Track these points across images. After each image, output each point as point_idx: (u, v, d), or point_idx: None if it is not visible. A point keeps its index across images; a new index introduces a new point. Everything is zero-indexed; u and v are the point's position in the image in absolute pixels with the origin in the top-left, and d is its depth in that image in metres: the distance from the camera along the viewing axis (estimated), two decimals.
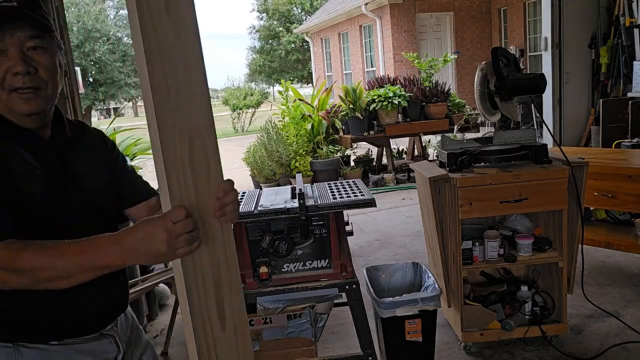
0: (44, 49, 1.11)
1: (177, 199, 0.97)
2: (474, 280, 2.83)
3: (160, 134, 0.94)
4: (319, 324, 2.23)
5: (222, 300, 1.05)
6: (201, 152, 1.01)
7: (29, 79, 1.09)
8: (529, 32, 11.49)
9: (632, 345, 2.59)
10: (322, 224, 2.07)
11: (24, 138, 1.14)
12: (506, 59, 2.59)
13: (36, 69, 1.10)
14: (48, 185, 1.13)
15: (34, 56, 1.10)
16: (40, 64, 1.11)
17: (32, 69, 1.09)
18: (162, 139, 0.94)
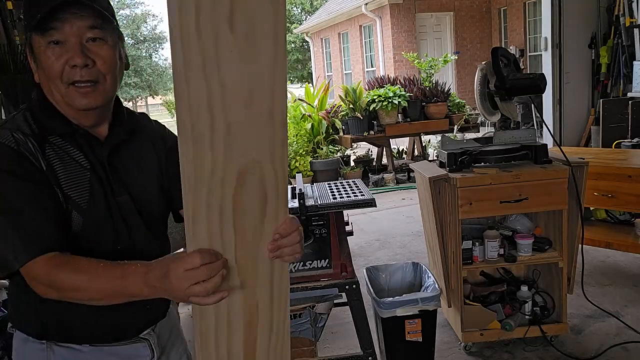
0: (104, 40, 1.05)
1: (201, 243, 0.89)
2: (474, 280, 2.83)
3: (187, 176, 0.83)
4: (319, 324, 2.23)
5: (255, 344, 0.99)
6: (256, 191, 0.89)
7: (87, 72, 1.04)
8: (529, 32, 11.49)
9: (632, 345, 2.59)
10: (322, 224, 2.07)
11: (78, 136, 1.09)
12: (506, 59, 2.59)
13: (94, 62, 1.04)
14: (96, 190, 1.08)
15: (93, 48, 1.04)
16: (99, 56, 1.05)
17: (90, 61, 1.04)
18: (190, 180, 0.83)
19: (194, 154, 0.83)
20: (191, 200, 0.86)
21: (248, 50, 0.82)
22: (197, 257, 0.88)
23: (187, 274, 0.88)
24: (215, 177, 0.86)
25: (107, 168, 1.11)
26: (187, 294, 0.89)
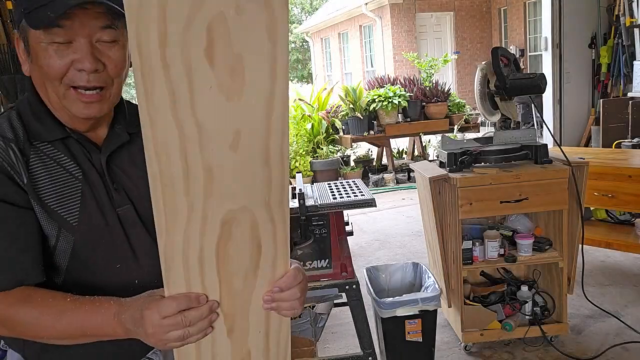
0: (117, 41, 0.93)
1: (177, 289, 0.80)
2: (474, 280, 2.83)
3: (158, 222, 0.74)
4: (319, 324, 2.23)
5: None
6: (244, 239, 0.80)
7: (95, 77, 0.91)
8: (529, 32, 11.49)
9: (632, 346, 2.59)
10: (322, 224, 2.07)
11: (70, 141, 0.97)
12: (506, 59, 2.58)
13: (104, 65, 0.93)
14: (89, 203, 0.95)
15: (104, 49, 0.92)
16: (111, 59, 0.93)
17: (100, 65, 0.92)
18: (160, 226, 0.74)
19: (163, 201, 0.72)
20: (163, 248, 0.76)
21: (232, 86, 0.71)
22: (172, 303, 0.79)
23: (163, 321, 0.79)
24: (192, 226, 0.76)
25: (105, 177, 0.98)
26: (163, 341, 0.81)
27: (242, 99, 0.72)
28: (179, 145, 0.71)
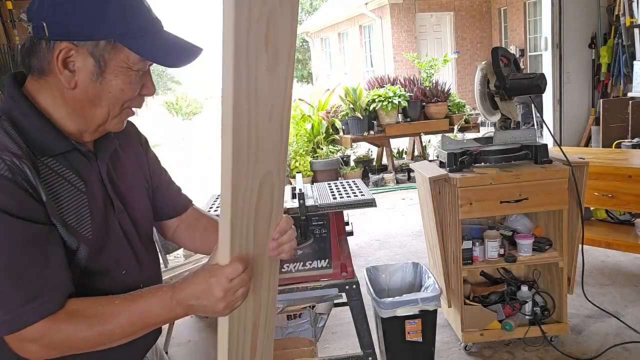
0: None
1: (236, 251, 0.87)
2: (474, 280, 2.83)
3: (233, 190, 0.82)
4: (318, 324, 2.23)
5: (256, 342, 1.01)
6: (268, 198, 0.91)
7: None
8: (529, 32, 11.49)
9: (632, 346, 2.59)
10: (322, 224, 2.07)
11: (71, 154, 0.94)
12: (506, 59, 2.58)
13: None
14: (96, 214, 0.95)
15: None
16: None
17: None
18: (234, 194, 0.83)
19: (233, 171, 0.81)
20: (229, 216, 0.83)
21: (273, 67, 0.82)
22: (239, 265, 0.85)
23: (232, 283, 0.85)
24: (247, 192, 0.86)
25: (106, 184, 0.99)
26: (232, 304, 0.86)
27: (276, 76, 0.84)
28: (247, 121, 0.80)
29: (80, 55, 0.89)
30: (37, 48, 0.90)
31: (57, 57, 0.88)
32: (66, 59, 0.89)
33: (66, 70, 0.89)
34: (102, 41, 0.89)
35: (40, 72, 0.91)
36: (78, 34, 0.88)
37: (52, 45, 0.88)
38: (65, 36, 0.88)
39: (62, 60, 0.88)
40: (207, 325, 3.11)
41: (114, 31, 0.89)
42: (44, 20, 0.87)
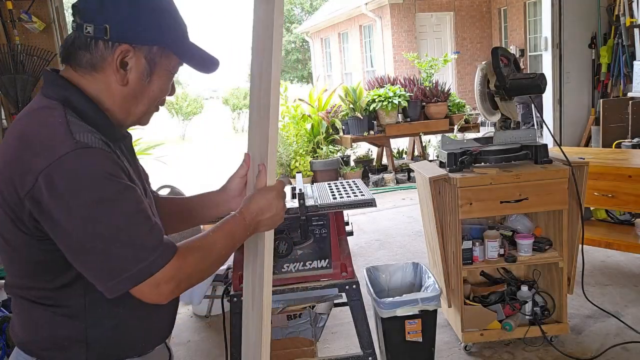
0: None
1: (274, 177, 1.16)
2: (474, 280, 2.83)
3: (271, 140, 1.10)
4: (319, 324, 2.23)
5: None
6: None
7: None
8: (529, 32, 11.49)
9: (632, 346, 2.59)
10: (322, 224, 2.07)
11: (119, 140, 1.08)
12: (506, 59, 2.58)
13: None
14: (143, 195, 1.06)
15: None
16: None
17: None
18: (272, 143, 1.11)
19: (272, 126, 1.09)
20: (271, 167, 1.13)
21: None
22: (282, 181, 1.14)
23: (283, 194, 1.13)
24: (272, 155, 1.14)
25: (132, 168, 1.10)
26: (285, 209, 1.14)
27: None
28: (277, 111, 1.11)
29: (135, 57, 1.02)
30: (92, 46, 1.00)
31: (117, 57, 1.00)
32: (123, 59, 1.01)
33: (121, 69, 1.01)
34: (155, 46, 1.03)
35: (92, 67, 1.02)
36: (137, 38, 1.01)
37: (111, 45, 1.00)
38: (125, 39, 1.00)
39: (120, 60, 1.01)
40: (207, 325, 3.11)
41: (165, 39, 1.04)
42: (107, 23, 0.98)
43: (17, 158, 0.93)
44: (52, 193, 0.89)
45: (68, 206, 0.89)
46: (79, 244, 0.91)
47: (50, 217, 0.90)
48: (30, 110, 1.00)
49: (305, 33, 18.10)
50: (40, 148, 0.91)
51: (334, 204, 2.05)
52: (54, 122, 0.95)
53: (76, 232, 0.90)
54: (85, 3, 1.01)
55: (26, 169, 0.91)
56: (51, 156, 0.89)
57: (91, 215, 0.90)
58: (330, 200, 2.08)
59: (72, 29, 1.03)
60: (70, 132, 0.93)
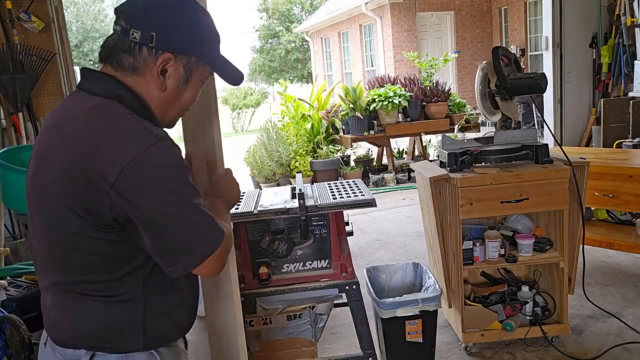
0: None
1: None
2: (474, 280, 2.82)
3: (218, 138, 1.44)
4: (319, 325, 2.22)
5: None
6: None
7: None
8: (530, 32, 11.48)
9: (633, 346, 2.58)
10: (322, 224, 2.06)
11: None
12: (507, 59, 2.58)
13: None
14: None
15: None
16: None
17: None
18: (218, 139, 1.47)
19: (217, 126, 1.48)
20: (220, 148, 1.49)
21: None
22: (228, 168, 1.42)
23: (234, 177, 1.40)
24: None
25: None
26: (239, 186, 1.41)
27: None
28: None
29: (175, 65, 1.10)
30: (137, 50, 1.07)
31: (159, 64, 1.08)
32: (164, 66, 1.08)
33: (161, 75, 1.09)
34: (193, 57, 1.11)
35: (133, 70, 1.08)
36: (179, 48, 1.09)
37: (155, 53, 1.07)
38: (168, 48, 1.07)
39: (162, 67, 1.08)
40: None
41: (203, 51, 1.12)
42: (153, 31, 1.05)
43: (89, 155, 0.98)
44: (142, 181, 0.98)
45: (159, 192, 0.99)
46: (166, 225, 1.01)
47: (139, 204, 0.99)
48: (85, 110, 1.04)
49: (305, 32, 18.08)
50: (121, 142, 0.98)
51: (334, 204, 2.05)
52: (124, 117, 1.03)
53: (166, 215, 1.00)
54: (133, 9, 1.07)
55: (108, 162, 0.97)
56: (137, 148, 0.98)
57: (179, 198, 1.01)
58: (330, 200, 2.08)
59: (115, 31, 1.08)
60: (145, 126, 1.02)
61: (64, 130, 1.03)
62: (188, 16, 1.10)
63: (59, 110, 1.10)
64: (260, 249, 2.07)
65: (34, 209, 1.09)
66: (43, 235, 1.08)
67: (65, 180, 1.00)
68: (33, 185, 1.08)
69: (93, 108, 1.04)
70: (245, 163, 7.06)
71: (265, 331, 2.17)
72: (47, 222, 1.05)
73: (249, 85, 21.01)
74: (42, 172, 1.05)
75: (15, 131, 3.99)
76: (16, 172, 2.63)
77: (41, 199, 1.05)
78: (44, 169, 1.04)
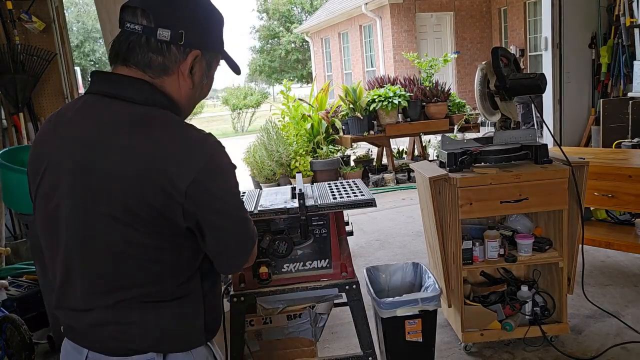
0: None
1: None
2: (474, 280, 2.82)
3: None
4: (319, 324, 2.22)
5: None
6: None
7: None
8: (530, 32, 11.49)
9: (632, 346, 2.59)
10: (322, 224, 2.07)
11: None
12: (506, 59, 2.58)
13: None
14: None
15: None
16: None
17: None
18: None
19: None
20: None
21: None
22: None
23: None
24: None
25: None
26: None
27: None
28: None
29: (200, 61, 1.11)
30: (165, 50, 1.05)
31: (190, 62, 1.08)
32: (194, 63, 1.09)
33: (189, 72, 1.09)
34: (213, 52, 1.14)
35: (163, 70, 1.06)
36: (206, 45, 1.10)
37: (183, 50, 1.06)
38: (198, 45, 1.08)
39: (192, 65, 1.08)
40: None
41: (220, 46, 1.15)
42: (183, 29, 1.04)
43: (158, 168, 0.97)
44: (212, 187, 1.02)
45: (225, 196, 1.05)
46: (231, 226, 1.09)
47: (211, 209, 1.03)
48: (136, 121, 1.01)
49: (305, 33, 18.09)
50: (187, 152, 0.99)
51: (334, 204, 2.05)
52: (180, 125, 1.04)
53: (231, 217, 1.08)
54: (156, 6, 1.03)
55: (179, 173, 0.98)
56: (203, 156, 1.00)
57: (237, 199, 1.10)
58: (330, 200, 2.08)
59: (135, 31, 1.03)
60: (200, 131, 1.05)
61: (120, 142, 0.99)
62: (207, 10, 1.11)
63: (89, 120, 1.03)
64: (260, 249, 2.07)
65: (72, 223, 1.02)
66: (91, 253, 1.03)
67: (135, 192, 0.97)
68: (75, 196, 1.01)
69: (145, 118, 1.01)
70: (245, 163, 7.07)
71: (266, 331, 2.17)
72: (103, 237, 1.00)
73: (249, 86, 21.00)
74: (95, 189, 0.99)
75: (16, 131, 4.00)
76: (17, 172, 2.63)
77: (93, 213, 1.00)
78: (98, 185, 0.99)
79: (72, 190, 1.01)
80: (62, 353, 1.16)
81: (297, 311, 2.15)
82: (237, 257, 1.15)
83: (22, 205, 2.77)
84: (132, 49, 1.04)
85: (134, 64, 1.05)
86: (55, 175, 1.04)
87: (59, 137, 1.06)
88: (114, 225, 0.99)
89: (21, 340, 2.62)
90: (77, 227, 1.02)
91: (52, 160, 1.05)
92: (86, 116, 1.04)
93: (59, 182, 1.03)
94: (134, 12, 1.04)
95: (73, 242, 1.03)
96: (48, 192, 1.05)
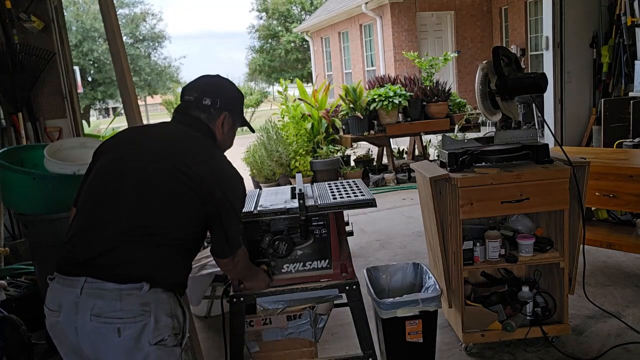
0: None
1: None
2: (474, 280, 2.82)
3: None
4: (319, 325, 2.22)
5: None
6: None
7: None
8: (530, 31, 11.47)
9: (633, 346, 2.58)
10: (322, 224, 2.06)
11: None
12: (507, 58, 2.57)
13: None
14: None
15: None
16: None
17: None
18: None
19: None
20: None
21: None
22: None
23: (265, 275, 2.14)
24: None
25: None
26: None
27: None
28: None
29: (228, 118, 1.74)
30: (208, 110, 1.70)
31: (221, 118, 1.72)
32: (224, 119, 1.72)
33: (222, 125, 1.72)
34: (235, 115, 1.78)
35: (207, 120, 1.70)
36: (232, 110, 1.76)
37: (218, 111, 1.71)
38: (226, 108, 1.73)
39: (223, 120, 1.72)
40: (207, 326, 3.10)
41: (239, 110, 1.82)
42: (218, 99, 1.71)
43: (199, 173, 1.56)
44: (231, 190, 1.63)
45: (238, 198, 1.66)
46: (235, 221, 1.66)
47: (226, 205, 1.60)
48: (193, 137, 1.65)
49: (305, 32, 18.06)
50: (219, 164, 1.64)
51: (334, 204, 2.04)
52: (216, 148, 1.71)
53: (237, 216, 1.66)
54: (202, 87, 1.74)
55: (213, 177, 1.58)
56: (230, 168, 1.66)
57: (242, 204, 1.70)
58: (330, 200, 2.07)
59: (188, 99, 1.71)
60: (224, 155, 1.71)
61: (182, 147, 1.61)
62: (233, 89, 1.80)
63: (165, 128, 1.73)
64: (260, 249, 2.06)
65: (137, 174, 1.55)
66: (139, 188, 1.52)
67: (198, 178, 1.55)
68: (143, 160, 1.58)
69: (199, 139, 1.64)
70: (245, 163, 7.06)
71: (265, 331, 2.16)
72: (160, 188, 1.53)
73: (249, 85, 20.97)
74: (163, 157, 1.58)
75: (15, 131, 3.99)
76: (16, 172, 2.61)
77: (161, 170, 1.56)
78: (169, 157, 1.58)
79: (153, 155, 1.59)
80: (49, 294, 1.53)
81: (297, 312, 2.14)
82: (234, 248, 1.70)
83: (20, 205, 2.76)
84: (188, 107, 1.72)
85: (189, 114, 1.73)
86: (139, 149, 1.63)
87: (146, 130, 1.83)
88: (173, 180, 1.54)
89: (20, 340, 2.61)
90: (142, 179, 1.54)
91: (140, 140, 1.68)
92: (165, 128, 1.74)
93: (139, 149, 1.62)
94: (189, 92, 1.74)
95: (133, 190, 1.53)
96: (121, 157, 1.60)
